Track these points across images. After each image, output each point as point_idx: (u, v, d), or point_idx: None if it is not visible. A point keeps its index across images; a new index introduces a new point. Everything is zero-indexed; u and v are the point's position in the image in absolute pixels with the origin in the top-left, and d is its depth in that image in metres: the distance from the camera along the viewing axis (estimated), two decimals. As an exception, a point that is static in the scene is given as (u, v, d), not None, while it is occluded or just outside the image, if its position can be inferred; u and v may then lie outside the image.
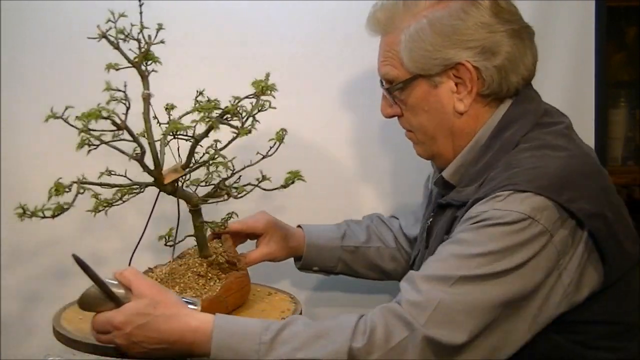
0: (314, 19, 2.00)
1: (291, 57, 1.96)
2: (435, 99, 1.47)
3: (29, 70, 1.95)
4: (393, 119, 1.57)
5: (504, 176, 1.36)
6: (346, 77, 2.01)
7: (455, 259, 1.30)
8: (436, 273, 1.29)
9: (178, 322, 1.32)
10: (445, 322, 1.25)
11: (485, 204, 1.33)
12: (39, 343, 1.96)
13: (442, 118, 1.48)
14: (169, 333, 1.31)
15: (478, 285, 1.27)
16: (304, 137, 1.94)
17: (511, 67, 1.44)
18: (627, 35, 2.59)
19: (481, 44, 1.42)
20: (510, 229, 1.29)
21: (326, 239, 1.80)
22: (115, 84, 1.43)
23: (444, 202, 1.50)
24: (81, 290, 1.71)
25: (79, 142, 1.40)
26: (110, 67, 1.47)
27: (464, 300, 1.26)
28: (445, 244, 1.35)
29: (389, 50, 1.49)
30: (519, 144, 1.42)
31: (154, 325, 1.32)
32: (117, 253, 1.99)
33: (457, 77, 1.45)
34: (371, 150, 2.06)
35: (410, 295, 1.28)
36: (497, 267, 1.27)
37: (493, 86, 1.44)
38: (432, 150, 1.53)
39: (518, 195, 1.31)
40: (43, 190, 1.97)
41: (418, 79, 1.46)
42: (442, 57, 1.43)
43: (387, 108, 1.55)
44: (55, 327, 1.52)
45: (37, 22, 1.93)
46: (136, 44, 1.48)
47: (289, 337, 1.28)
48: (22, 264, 1.99)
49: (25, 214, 1.39)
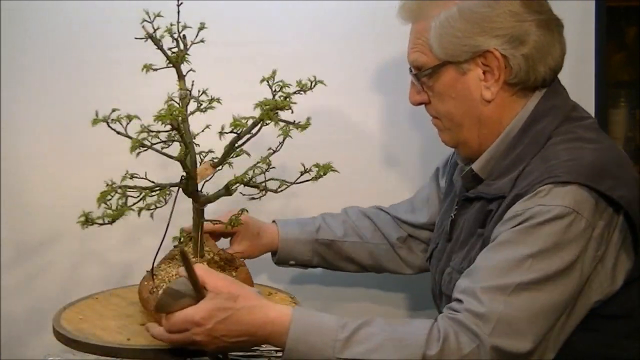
0: (314, 19, 2.00)
1: (291, 56, 1.96)
2: (463, 86, 1.48)
3: (29, 70, 1.95)
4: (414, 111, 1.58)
5: (542, 169, 1.38)
6: (346, 76, 2.01)
7: (508, 264, 1.31)
8: (493, 283, 1.30)
9: (259, 314, 1.33)
10: (510, 332, 1.28)
11: (528, 201, 1.35)
12: (39, 343, 1.96)
13: (469, 105, 1.49)
14: (251, 324, 1.32)
15: (536, 291, 1.29)
16: (304, 137, 1.95)
17: (539, 56, 1.46)
18: (627, 35, 2.60)
19: (509, 33, 1.44)
20: (557, 225, 1.31)
21: (300, 232, 1.80)
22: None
23: (472, 195, 1.51)
24: (81, 291, 1.72)
25: (133, 143, 1.41)
26: (147, 67, 1.48)
27: (524, 309, 1.29)
28: (493, 247, 1.35)
29: (418, 38, 1.51)
30: (551, 138, 1.44)
31: (236, 318, 1.32)
32: (118, 253, 1.99)
33: (484, 64, 1.46)
34: (372, 150, 2.06)
35: (473, 306, 1.30)
36: (550, 268, 1.30)
37: (520, 75, 1.46)
38: (458, 137, 1.54)
39: (560, 189, 1.33)
40: (43, 190, 1.99)
41: (446, 66, 1.48)
42: (470, 44, 1.45)
43: (415, 95, 1.56)
44: (55, 327, 1.52)
45: (37, 22, 1.93)
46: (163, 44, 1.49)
47: (364, 337, 1.29)
48: (22, 263, 1.99)
49: (88, 222, 1.41)
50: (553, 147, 1.42)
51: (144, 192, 1.44)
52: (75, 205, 1.98)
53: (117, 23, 1.94)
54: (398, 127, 2.06)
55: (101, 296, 1.68)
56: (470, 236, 1.48)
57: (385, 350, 1.28)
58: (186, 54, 1.50)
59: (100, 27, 1.94)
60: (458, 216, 1.56)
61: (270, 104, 1.44)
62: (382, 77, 2.04)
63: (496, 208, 1.42)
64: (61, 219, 1.98)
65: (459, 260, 1.49)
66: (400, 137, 2.07)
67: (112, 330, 1.49)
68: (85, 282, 1.97)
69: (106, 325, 1.51)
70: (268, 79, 1.48)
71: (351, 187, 2.01)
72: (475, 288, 1.31)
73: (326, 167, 1.52)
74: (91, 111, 1.96)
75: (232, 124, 1.45)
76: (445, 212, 1.65)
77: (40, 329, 1.95)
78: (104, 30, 1.94)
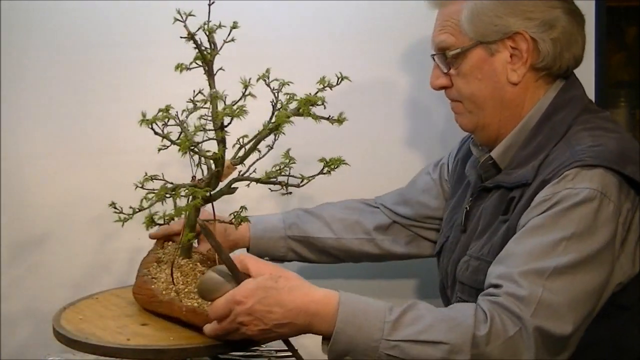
0: (314, 18, 2.00)
1: (291, 56, 1.96)
2: (490, 67, 1.50)
3: (29, 70, 1.95)
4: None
5: (567, 155, 1.40)
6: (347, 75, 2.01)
7: (542, 248, 1.32)
8: (530, 267, 1.31)
9: (301, 293, 1.31)
10: (552, 315, 1.28)
11: (556, 185, 1.36)
12: (39, 343, 1.96)
13: (494, 87, 1.51)
14: (293, 304, 1.30)
15: (572, 274, 1.31)
16: (304, 137, 1.95)
17: (566, 43, 1.48)
18: (627, 35, 2.60)
19: (540, 17, 1.47)
20: (588, 207, 1.33)
21: (272, 229, 1.81)
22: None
23: (490, 184, 1.52)
24: (81, 291, 1.72)
25: (182, 143, 1.44)
26: (180, 67, 1.48)
27: (563, 292, 1.30)
28: (525, 232, 1.36)
29: (447, 20, 1.52)
30: (571, 127, 1.46)
31: (277, 297, 1.30)
32: (118, 253, 1.99)
33: (513, 47, 1.48)
34: (371, 150, 2.06)
35: (512, 289, 1.30)
36: (585, 251, 1.31)
37: (547, 60, 1.48)
38: (478, 121, 1.54)
39: (586, 172, 1.35)
40: (43, 190, 1.99)
41: (475, 46, 1.50)
42: (501, 24, 1.47)
43: (438, 78, 1.57)
44: (55, 327, 1.51)
45: (37, 22, 1.93)
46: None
47: (413, 319, 1.28)
48: (22, 263, 1.99)
49: (152, 223, 1.44)
50: (576, 134, 1.44)
51: (189, 190, 1.46)
52: (76, 205, 2.00)
53: (118, 23, 1.94)
54: (397, 124, 2.07)
55: (101, 296, 1.68)
56: (490, 224, 1.49)
57: (435, 330, 1.27)
58: (217, 53, 1.50)
59: (100, 27, 1.94)
60: (473, 207, 1.57)
61: (311, 100, 1.47)
62: (383, 78, 2.04)
63: (519, 195, 1.43)
64: (61, 219, 1.99)
65: (478, 248, 1.49)
66: (399, 134, 2.07)
67: (112, 330, 1.49)
68: (85, 282, 1.97)
69: (106, 326, 1.51)
70: (263, 77, 1.49)
71: (342, 186, 2.01)
72: (512, 272, 1.31)
73: (337, 161, 1.52)
74: (91, 111, 1.99)
75: (277, 119, 1.46)
76: (457, 205, 1.66)
77: (40, 329, 1.96)
78: (103, 30, 1.94)
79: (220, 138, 1.47)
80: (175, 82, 1.68)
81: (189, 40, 1.47)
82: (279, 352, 1.78)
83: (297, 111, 1.48)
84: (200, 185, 1.50)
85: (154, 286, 1.53)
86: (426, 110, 2.06)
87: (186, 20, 1.46)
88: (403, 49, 2.03)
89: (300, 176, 1.52)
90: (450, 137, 2.03)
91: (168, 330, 1.48)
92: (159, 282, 1.54)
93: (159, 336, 1.46)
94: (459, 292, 1.53)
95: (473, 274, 1.48)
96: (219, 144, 1.49)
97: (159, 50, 1.94)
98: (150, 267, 1.59)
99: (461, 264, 1.53)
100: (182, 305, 1.46)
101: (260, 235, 1.80)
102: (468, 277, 1.50)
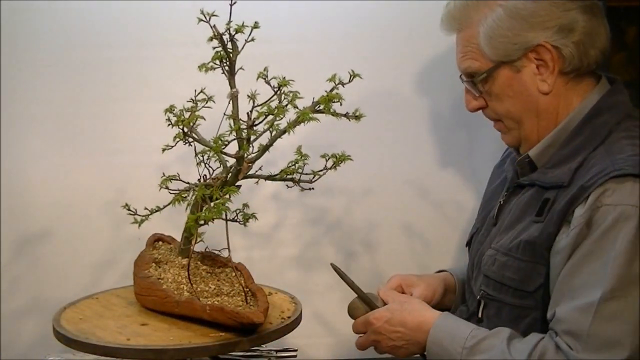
0: (313, 18, 2.00)
1: (291, 56, 1.96)
2: (519, 83, 1.50)
3: (29, 70, 1.95)
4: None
5: (606, 162, 1.40)
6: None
7: (593, 274, 1.35)
8: (582, 301, 1.34)
9: (419, 314, 1.54)
10: (603, 345, 1.32)
11: (595, 202, 1.36)
12: (39, 343, 1.96)
13: (527, 101, 1.51)
14: (412, 323, 1.53)
15: (623, 297, 1.32)
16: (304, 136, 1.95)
17: (589, 41, 1.48)
18: (627, 35, 2.59)
19: (557, 23, 1.46)
20: (627, 225, 1.34)
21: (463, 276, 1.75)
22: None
23: (526, 182, 1.53)
24: (81, 291, 1.72)
25: (215, 143, 1.48)
26: (204, 67, 1.51)
27: (614, 319, 1.32)
28: (575, 264, 1.37)
29: (467, 45, 1.53)
30: (612, 133, 1.46)
31: (400, 317, 1.54)
32: (119, 253, 1.99)
33: (537, 59, 1.48)
34: (371, 149, 2.06)
35: (564, 325, 1.36)
36: (633, 271, 1.32)
37: (574, 62, 1.48)
38: (519, 135, 1.55)
39: (625, 186, 1.35)
40: (43, 190, 1.99)
41: (501, 67, 1.50)
42: (521, 42, 1.47)
43: (472, 101, 1.57)
44: (55, 327, 1.52)
45: (37, 22, 1.93)
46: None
47: (486, 347, 1.43)
48: (22, 263, 1.99)
49: (199, 224, 1.46)
50: (617, 141, 1.44)
51: (220, 192, 1.48)
52: (75, 204, 2.00)
53: (118, 23, 1.94)
54: (400, 125, 2.06)
55: (101, 296, 1.68)
56: (520, 220, 1.49)
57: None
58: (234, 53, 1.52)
59: (100, 27, 1.94)
60: (507, 202, 1.58)
61: (331, 97, 1.50)
62: (384, 78, 2.04)
63: (554, 197, 1.44)
64: (61, 218, 1.99)
65: (507, 242, 1.50)
66: (406, 138, 2.07)
67: (112, 330, 1.49)
68: (85, 281, 1.97)
69: (106, 326, 1.51)
70: (263, 75, 1.51)
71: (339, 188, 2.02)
72: (569, 307, 1.36)
73: (342, 157, 1.56)
74: (90, 111, 1.99)
75: (300, 117, 1.48)
76: (492, 199, 1.66)
77: (40, 329, 1.96)
78: (103, 30, 1.94)
79: (248, 137, 1.49)
80: (176, 82, 1.70)
81: (215, 39, 1.48)
82: (279, 352, 1.79)
83: (315, 108, 1.51)
84: (215, 183, 1.51)
85: (165, 287, 1.53)
86: (433, 110, 2.06)
87: (210, 20, 1.47)
88: (413, 49, 2.02)
89: (312, 172, 1.56)
90: (456, 137, 2.04)
91: (168, 330, 1.48)
92: (167, 283, 1.54)
93: (159, 336, 1.46)
94: (484, 286, 1.53)
95: (500, 269, 1.49)
96: (244, 142, 1.50)
97: (159, 50, 1.95)
98: (150, 269, 1.59)
99: (486, 257, 1.54)
100: (204, 304, 1.46)
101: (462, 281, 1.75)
102: (495, 271, 1.50)
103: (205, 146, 1.53)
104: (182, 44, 1.90)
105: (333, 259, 2.03)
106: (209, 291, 1.52)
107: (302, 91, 1.51)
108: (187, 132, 1.52)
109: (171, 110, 1.55)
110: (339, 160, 1.56)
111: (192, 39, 1.85)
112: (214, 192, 1.47)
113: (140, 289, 1.58)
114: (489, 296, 1.52)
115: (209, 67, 1.51)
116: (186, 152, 1.58)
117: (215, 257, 1.63)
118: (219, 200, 1.45)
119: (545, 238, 1.41)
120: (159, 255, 1.64)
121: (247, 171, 1.53)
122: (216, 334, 1.46)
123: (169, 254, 1.64)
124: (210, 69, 1.51)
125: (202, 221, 1.44)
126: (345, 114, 1.53)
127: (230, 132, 1.49)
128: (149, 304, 1.57)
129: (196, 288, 1.51)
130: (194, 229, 1.47)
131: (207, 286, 1.53)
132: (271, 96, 1.51)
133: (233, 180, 1.53)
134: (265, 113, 1.48)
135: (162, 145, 1.56)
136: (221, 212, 1.43)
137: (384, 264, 2.07)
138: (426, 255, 1.97)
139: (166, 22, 1.94)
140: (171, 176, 1.56)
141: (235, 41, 1.51)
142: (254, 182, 1.59)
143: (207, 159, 1.54)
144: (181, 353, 1.42)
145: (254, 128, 1.49)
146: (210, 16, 1.47)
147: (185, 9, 1.78)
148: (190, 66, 1.53)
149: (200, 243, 1.50)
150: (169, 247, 1.69)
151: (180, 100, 1.57)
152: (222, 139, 1.49)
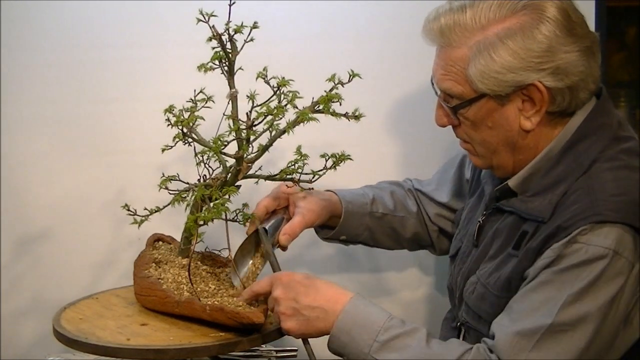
0: (313, 19, 2.00)
1: (290, 56, 1.96)
2: (501, 116, 1.41)
3: (29, 70, 1.95)
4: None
5: (587, 202, 1.33)
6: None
7: (541, 305, 1.31)
8: (527, 326, 1.31)
9: (334, 288, 1.43)
10: None
11: (570, 240, 1.32)
12: (39, 343, 1.96)
13: (506, 135, 1.43)
14: (327, 293, 1.41)
15: (570, 332, 1.29)
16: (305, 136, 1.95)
17: (583, 85, 1.39)
18: (627, 35, 2.60)
19: (555, 65, 1.36)
20: (596, 265, 1.29)
21: (358, 204, 1.71)
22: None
23: (506, 208, 1.47)
24: (81, 291, 1.72)
25: (215, 143, 1.49)
26: (203, 67, 1.50)
27: (556, 352, 1.29)
28: (530, 288, 1.34)
29: (452, 65, 1.41)
30: (595, 162, 1.38)
31: (314, 284, 1.42)
32: (119, 252, 1.99)
33: (526, 95, 1.39)
34: (371, 149, 2.06)
35: (501, 345, 1.31)
36: (584, 309, 1.29)
37: (563, 105, 1.40)
38: (492, 162, 1.48)
39: (603, 229, 1.30)
40: (43, 190, 1.99)
41: (485, 97, 1.40)
42: (514, 80, 1.37)
43: (444, 118, 1.48)
44: (55, 327, 1.52)
45: (37, 22, 1.93)
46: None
47: (401, 346, 1.35)
48: (22, 263, 1.99)
49: (199, 224, 1.47)
50: (600, 174, 1.37)
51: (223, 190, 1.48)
52: (75, 204, 2.00)
53: (118, 23, 1.94)
54: (400, 125, 2.07)
55: (101, 296, 1.68)
56: (501, 252, 1.44)
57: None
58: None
59: (100, 27, 1.94)
60: (486, 222, 1.52)
61: (330, 97, 1.50)
62: (384, 78, 2.04)
63: (532, 231, 1.39)
64: (61, 219, 1.99)
65: (487, 274, 1.46)
66: (405, 138, 2.07)
67: (112, 330, 1.49)
68: (85, 281, 1.97)
69: (106, 326, 1.52)
70: (262, 75, 1.51)
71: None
72: (509, 330, 1.32)
73: (342, 157, 1.56)
74: (90, 111, 1.99)
75: (299, 117, 1.48)
76: (472, 211, 1.61)
77: (40, 329, 1.96)
78: (103, 30, 1.94)
79: (247, 137, 1.49)
80: (175, 83, 1.69)
81: (214, 40, 1.48)
82: (279, 352, 1.79)
83: (314, 108, 1.51)
84: (214, 184, 1.51)
85: (165, 287, 1.54)
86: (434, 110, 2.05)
87: (209, 20, 1.47)
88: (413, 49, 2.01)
89: (312, 172, 1.55)
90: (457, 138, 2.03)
91: (168, 330, 1.49)
92: (167, 283, 1.55)
93: (159, 336, 1.47)
94: (465, 313, 1.51)
95: (478, 300, 1.46)
96: (243, 142, 1.50)
97: (158, 51, 1.95)
98: (150, 269, 1.59)
99: (469, 284, 1.50)
100: (204, 304, 1.47)
101: (350, 210, 1.70)
102: (473, 301, 1.47)
103: (204, 146, 1.53)
104: (182, 44, 1.90)
105: (333, 259, 2.04)
106: (209, 291, 1.52)
107: (301, 91, 1.52)
108: (186, 133, 1.52)
109: (170, 110, 1.55)
110: (338, 160, 1.56)
111: (191, 39, 1.84)
112: (213, 193, 1.47)
113: (140, 289, 1.58)
114: (468, 324, 1.50)
115: (208, 67, 1.51)
116: (186, 153, 1.58)
117: (215, 257, 1.64)
118: (218, 200, 1.45)
119: (519, 273, 1.38)
120: (159, 255, 1.64)
121: (246, 171, 1.54)
122: (216, 334, 1.46)
123: (169, 254, 1.64)
124: (209, 69, 1.51)
125: (202, 221, 1.44)
126: (344, 114, 1.52)
127: (230, 132, 1.50)
128: (149, 304, 1.57)
129: (196, 288, 1.51)
130: (194, 229, 1.47)
131: (207, 286, 1.53)
132: (270, 96, 1.51)
133: (232, 181, 1.53)
134: (265, 113, 1.48)
135: (161, 145, 1.56)
136: (221, 213, 1.43)
137: (384, 264, 2.07)
138: (426, 255, 1.96)
139: (166, 23, 1.93)
140: (171, 176, 1.56)
141: (235, 41, 1.50)
142: (253, 182, 1.59)
143: (207, 159, 1.54)
144: (181, 353, 1.42)
145: (253, 128, 1.49)
146: (210, 16, 1.47)
147: (185, 10, 1.78)
148: (190, 66, 1.53)
149: (200, 243, 1.51)
150: (169, 247, 1.69)
151: (179, 101, 1.57)
152: (221, 139, 1.49)
